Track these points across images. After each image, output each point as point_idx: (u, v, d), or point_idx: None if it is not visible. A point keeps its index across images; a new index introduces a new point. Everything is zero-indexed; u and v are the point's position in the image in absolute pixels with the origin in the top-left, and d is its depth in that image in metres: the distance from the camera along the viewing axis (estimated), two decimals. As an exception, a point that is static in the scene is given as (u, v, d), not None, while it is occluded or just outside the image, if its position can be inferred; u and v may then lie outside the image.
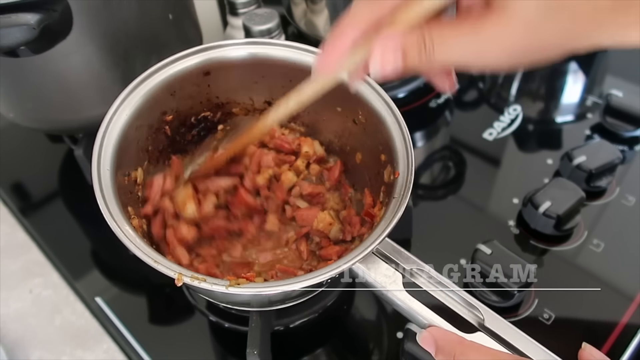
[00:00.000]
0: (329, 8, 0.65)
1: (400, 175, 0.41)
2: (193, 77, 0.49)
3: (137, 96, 0.45)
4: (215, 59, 0.48)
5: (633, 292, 0.50)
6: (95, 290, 0.54)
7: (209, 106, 0.52)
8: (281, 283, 0.35)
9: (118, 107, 0.44)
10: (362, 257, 0.35)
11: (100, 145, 0.42)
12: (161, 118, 0.49)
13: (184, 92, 0.49)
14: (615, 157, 0.57)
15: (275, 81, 0.51)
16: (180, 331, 0.51)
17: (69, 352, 0.50)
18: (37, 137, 0.70)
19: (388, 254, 0.38)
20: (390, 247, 0.39)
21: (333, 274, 0.34)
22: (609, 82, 0.74)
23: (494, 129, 0.67)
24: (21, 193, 0.66)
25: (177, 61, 0.47)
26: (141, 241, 0.38)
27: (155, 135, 0.49)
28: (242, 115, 0.54)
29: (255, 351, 0.41)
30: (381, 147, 0.44)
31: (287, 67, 0.49)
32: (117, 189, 0.41)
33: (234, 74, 0.50)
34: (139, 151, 0.47)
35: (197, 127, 0.53)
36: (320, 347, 0.49)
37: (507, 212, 0.57)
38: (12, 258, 0.58)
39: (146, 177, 0.48)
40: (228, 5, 0.68)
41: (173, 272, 0.35)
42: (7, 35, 0.42)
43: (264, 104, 0.53)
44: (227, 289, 0.34)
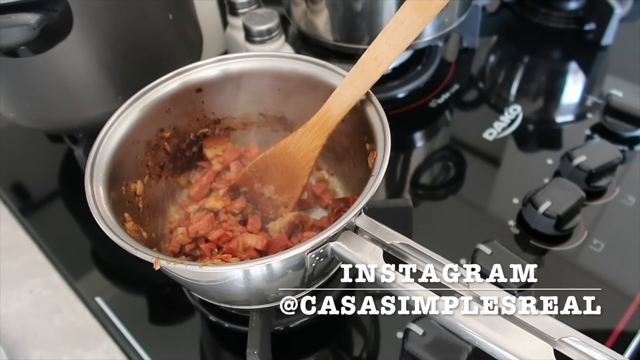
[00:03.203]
0: (329, 8, 0.65)
1: (378, 154, 0.41)
2: (185, 94, 0.50)
3: (133, 113, 0.46)
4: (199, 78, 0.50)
5: (633, 292, 0.50)
6: (95, 290, 0.54)
7: (206, 123, 0.53)
8: (256, 261, 0.35)
9: (114, 122, 0.45)
10: (338, 229, 0.36)
11: (95, 154, 0.43)
12: (159, 135, 0.50)
13: (179, 110, 0.50)
14: (615, 157, 0.57)
15: (265, 92, 0.51)
16: (180, 331, 0.51)
17: (69, 352, 0.50)
18: (37, 137, 0.70)
19: (369, 231, 0.38)
20: (372, 225, 0.39)
21: (308, 247, 0.35)
22: (609, 82, 0.74)
23: (494, 129, 0.67)
24: (21, 193, 0.66)
25: (168, 80, 0.48)
26: (122, 230, 0.38)
27: (155, 151, 0.50)
28: (240, 130, 0.55)
29: (255, 351, 0.41)
30: (366, 137, 0.44)
31: (273, 77, 0.50)
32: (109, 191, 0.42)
33: (224, 88, 0.51)
34: (138, 165, 0.48)
35: (197, 143, 0.53)
36: (320, 347, 0.49)
37: (507, 212, 0.57)
38: (12, 258, 0.58)
39: (146, 190, 0.48)
40: (228, 5, 0.69)
41: (150, 256, 0.35)
42: (7, 35, 0.42)
43: (258, 116, 0.54)
44: (201, 269, 0.35)
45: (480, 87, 0.75)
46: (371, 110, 0.43)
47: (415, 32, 0.40)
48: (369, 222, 0.39)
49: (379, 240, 0.38)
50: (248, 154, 0.54)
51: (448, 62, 0.78)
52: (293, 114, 0.52)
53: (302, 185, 0.48)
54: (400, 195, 0.61)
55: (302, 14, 0.69)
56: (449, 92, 0.73)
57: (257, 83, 0.51)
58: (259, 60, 0.50)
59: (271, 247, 0.46)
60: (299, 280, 0.41)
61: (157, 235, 0.49)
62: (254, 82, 0.51)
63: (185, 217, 0.51)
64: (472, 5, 0.71)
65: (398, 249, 0.38)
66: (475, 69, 0.77)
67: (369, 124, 0.43)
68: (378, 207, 0.50)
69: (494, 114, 0.69)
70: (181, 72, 0.49)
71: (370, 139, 0.43)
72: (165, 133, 0.50)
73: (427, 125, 0.69)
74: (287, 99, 0.51)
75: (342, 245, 0.37)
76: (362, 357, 0.49)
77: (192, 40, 0.62)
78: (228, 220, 0.49)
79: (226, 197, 0.51)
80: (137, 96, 0.47)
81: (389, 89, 0.71)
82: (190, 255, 0.48)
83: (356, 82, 0.42)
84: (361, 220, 0.39)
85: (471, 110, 0.72)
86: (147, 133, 0.48)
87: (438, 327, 0.43)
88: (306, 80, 0.48)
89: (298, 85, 0.49)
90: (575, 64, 0.77)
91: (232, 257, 0.45)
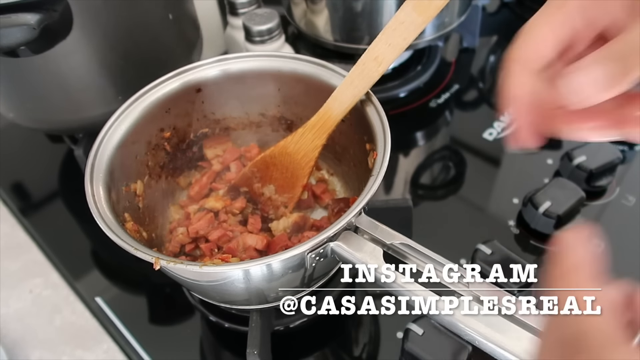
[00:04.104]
0: (329, 8, 0.65)
1: (378, 154, 0.41)
2: (186, 94, 0.50)
3: (133, 113, 0.47)
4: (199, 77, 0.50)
5: (633, 292, 0.50)
6: (95, 290, 0.54)
7: (206, 122, 0.53)
8: (256, 261, 0.35)
9: (114, 122, 0.45)
10: (338, 229, 0.36)
11: (95, 154, 0.43)
12: (159, 135, 0.50)
13: (179, 109, 0.50)
14: (615, 157, 0.57)
15: (265, 91, 0.51)
16: (180, 331, 0.51)
17: (69, 352, 0.50)
18: (37, 137, 0.70)
19: (369, 231, 0.38)
20: (372, 225, 0.39)
21: (308, 247, 0.35)
22: (609, 82, 0.74)
23: (494, 129, 0.67)
24: (21, 193, 0.66)
25: (168, 80, 0.48)
26: (122, 230, 0.38)
27: (155, 151, 0.50)
28: (240, 130, 0.55)
29: (255, 351, 0.41)
30: (366, 137, 0.45)
31: (273, 77, 0.50)
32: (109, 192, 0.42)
33: (224, 88, 0.51)
34: (138, 165, 0.48)
35: (197, 144, 0.53)
36: (320, 347, 0.49)
37: (507, 212, 0.57)
38: (12, 258, 0.58)
39: (146, 190, 0.48)
40: (228, 5, 0.69)
41: (150, 256, 0.35)
42: (7, 35, 0.42)
43: (259, 116, 0.54)
44: (201, 269, 0.35)
45: (480, 87, 0.75)
46: (371, 111, 0.43)
47: (415, 32, 0.40)
48: (369, 222, 0.39)
49: (379, 240, 0.38)
50: (248, 154, 0.54)
51: (448, 62, 0.78)
52: (293, 114, 0.53)
53: (302, 185, 0.48)
54: (400, 195, 0.61)
55: (302, 14, 0.69)
56: (449, 92, 0.73)
57: (257, 83, 0.51)
58: (259, 60, 0.50)
59: (271, 247, 0.46)
60: (299, 280, 0.41)
61: (157, 236, 0.49)
62: (254, 82, 0.51)
63: (185, 217, 0.51)
64: (472, 5, 0.71)
65: (398, 249, 0.38)
66: (475, 69, 0.77)
67: (369, 124, 0.43)
68: (378, 207, 0.50)
69: (494, 114, 0.69)
70: (181, 72, 0.49)
71: (370, 139, 0.43)
72: (166, 133, 0.50)
73: (427, 125, 0.69)
74: (287, 99, 0.52)
75: (342, 245, 0.37)
76: (362, 357, 0.49)
77: (192, 40, 0.62)
78: (228, 220, 0.49)
79: (226, 197, 0.51)
80: (137, 96, 0.47)
81: (389, 89, 0.71)
82: (190, 256, 0.48)
83: (356, 82, 0.43)
84: (361, 220, 0.39)
85: (471, 110, 0.72)
86: (147, 133, 0.48)
87: (438, 327, 0.43)
88: (306, 81, 0.48)
89: (298, 86, 0.49)
90: (575, 64, 0.77)
91: (232, 257, 0.45)
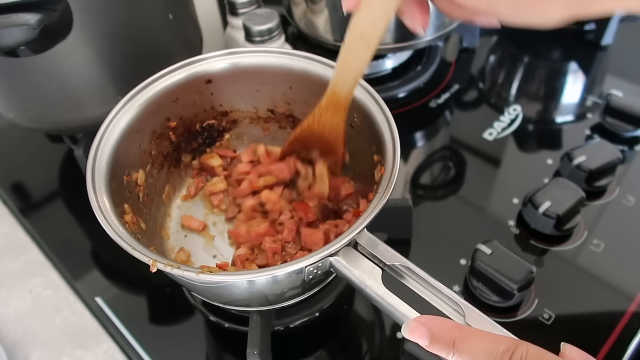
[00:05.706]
0: (329, 8, 0.65)
1: (386, 171, 0.41)
2: (195, 85, 0.50)
3: (140, 101, 0.46)
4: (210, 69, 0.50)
5: (633, 292, 0.50)
6: (95, 290, 0.54)
7: (213, 114, 0.53)
8: (254, 273, 0.35)
9: (120, 110, 0.45)
10: (339, 247, 0.35)
11: (99, 141, 0.43)
12: (165, 124, 0.50)
13: (187, 100, 0.50)
14: (615, 157, 0.57)
15: (276, 88, 0.51)
16: (180, 331, 0.51)
17: (69, 352, 0.50)
18: (37, 137, 0.70)
19: (369, 249, 0.38)
20: (372, 242, 0.38)
21: (307, 263, 0.35)
22: (609, 82, 0.74)
23: (494, 129, 0.67)
24: (21, 193, 0.66)
25: (178, 70, 0.48)
26: (123, 229, 0.38)
27: (159, 140, 0.50)
28: (247, 124, 0.55)
29: (255, 351, 0.41)
30: (374, 147, 0.45)
31: (285, 74, 0.50)
32: (110, 181, 0.42)
33: (235, 81, 0.51)
34: (141, 154, 0.48)
35: (202, 134, 0.54)
36: (320, 347, 0.49)
37: (507, 212, 0.57)
38: (12, 258, 0.58)
39: (148, 179, 0.48)
40: (228, 5, 0.69)
41: (148, 258, 0.35)
42: (7, 35, 0.42)
43: (267, 112, 0.54)
44: (198, 276, 0.35)
45: (480, 87, 0.75)
46: (382, 122, 0.43)
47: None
48: (369, 239, 0.38)
49: (378, 259, 0.38)
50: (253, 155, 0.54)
51: (448, 62, 0.78)
52: (302, 114, 0.52)
53: (340, 152, 0.48)
54: (400, 195, 0.61)
55: (302, 14, 0.69)
56: (449, 92, 0.73)
57: (269, 79, 0.51)
58: (272, 57, 0.50)
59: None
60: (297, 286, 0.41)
61: (157, 227, 0.49)
62: (266, 78, 0.51)
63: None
64: (472, 5, 0.71)
65: (398, 270, 0.38)
66: (475, 69, 0.77)
67: (378, 134, 0.43)
68: (378, 207, 0.50)
69: (494, 114, 0.69)
70: (190, 62, 0.49)
71: (379, 150, 0.43)
72: (172, 122, 0.50)
73: (427, 125, 0.69)
74: (298, 97, 0.52)
75: (342, 260, 0.37)
76: (362, 357, 0.49)
77: (192, 40, 0.62)
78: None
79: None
80: (144, 85, 0.47)
81: (389, 89, 0.71)
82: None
83: (351, 63, 0.40)
84: (362, 237, 0.38)
85: (471, 110, 0.72)
86: (152, 122, 0.48)
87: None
88: (318, 81, 0.48)
89: (310, 85, 0.49)
90: (575, 64, 0.77)
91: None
